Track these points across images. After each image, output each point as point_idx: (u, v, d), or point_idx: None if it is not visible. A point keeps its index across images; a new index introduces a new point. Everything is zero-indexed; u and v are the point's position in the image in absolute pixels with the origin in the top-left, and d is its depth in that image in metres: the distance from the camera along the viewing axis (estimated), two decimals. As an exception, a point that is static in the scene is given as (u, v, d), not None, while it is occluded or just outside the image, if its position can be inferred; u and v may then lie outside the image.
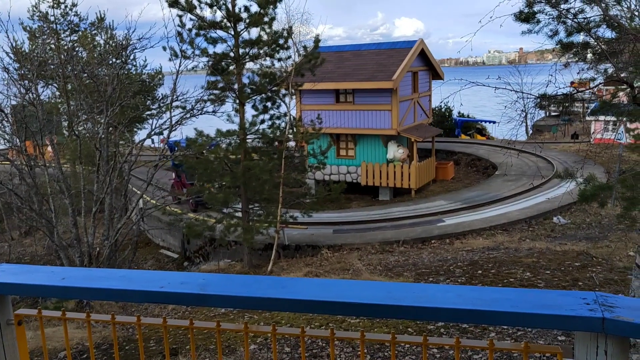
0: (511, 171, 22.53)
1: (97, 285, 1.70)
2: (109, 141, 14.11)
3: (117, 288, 1.67)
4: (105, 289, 1.68)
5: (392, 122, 21.95)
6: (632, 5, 24.30)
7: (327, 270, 12.94)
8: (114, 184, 13.40)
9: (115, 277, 1.75)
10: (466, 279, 9.06)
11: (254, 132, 15.84)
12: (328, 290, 1.66)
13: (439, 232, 16.25)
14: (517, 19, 6.93)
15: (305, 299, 1.61)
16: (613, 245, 11.91)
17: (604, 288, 7.59)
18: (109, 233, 13.19)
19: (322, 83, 20.46)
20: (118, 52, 16.05)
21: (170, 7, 13.96)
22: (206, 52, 14.83)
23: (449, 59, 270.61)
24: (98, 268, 12.26)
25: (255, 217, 16.18)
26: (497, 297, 1.57)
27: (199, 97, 14.95)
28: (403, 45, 23.18)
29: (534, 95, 7.01)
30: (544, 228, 16.12)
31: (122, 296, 1.71)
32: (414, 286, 1.65)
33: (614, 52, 6.78)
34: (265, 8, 14.55)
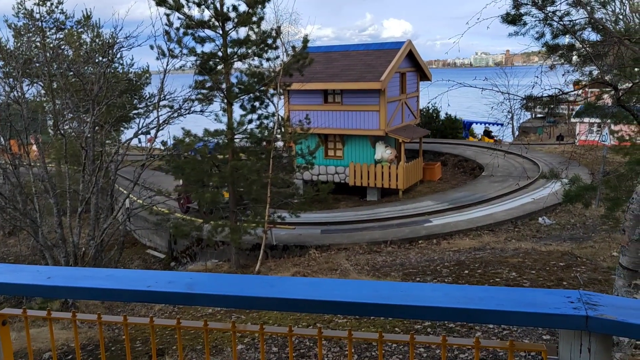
0: (497, 172, 22.72)
1: (84, 284, 1.69)
2: (95, 140, 13.98)
3: (103, 287, 1.66)
4: (92, 289, 1.67)
5: (380, 122, 22.02)
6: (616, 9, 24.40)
7: (315, 271, 12.95)
8: (100, 184, 13.28)
9: (101, 277, 1.74)
10: (453, 279, 9.12)
11: (242, 131, 15.79)
12: (316, 289, 1.67)
13: (426, 233, 16.34)
14: (504, 20, 7.00)
15: (293, 298, 1.61)
16: (597, 245, 12.06)
17: (588, 288, 7.68)
18: (95, 233, 13.08)
19: (310, 83, 20.46)
20: (104, 50, 15.89)
21: (158, 6, 13.87)
22: (194, 52, 14.75)
23: (436, 61, 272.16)
24: (85, 267, 12.14)
25: (243, 217, 16.13)
26: (483, 296, 1.58)
27: (186, 96, 14.88)
28: (391, 46, 23.27)
29: (519, 97, 7.09)
30: (529, 228, 16.28)
31: (109, 295, 1.70)
32: (402, 285, 1.66)
33: (598, 55, 6.88)
34: (254, 8, 14.52)
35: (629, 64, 7.54)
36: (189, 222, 15.90)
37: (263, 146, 16.09)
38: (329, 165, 24.11)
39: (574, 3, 6.54)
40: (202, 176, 15.35)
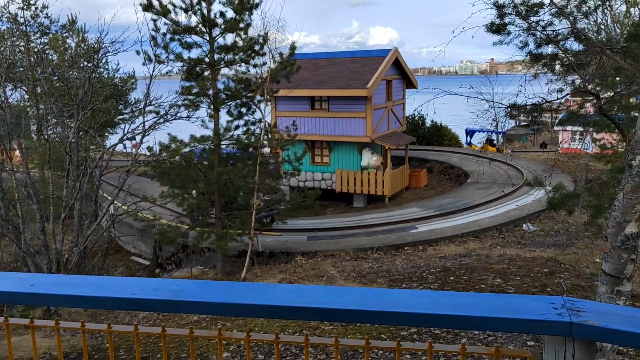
0: (482, 179, 22.91)
1: (67, 292, 1.66)
2: (79, 146, 13.83)
3: (87, 295, 1.64)
4: (76, 296, 1.64)
5: (366, 129, 22.11)
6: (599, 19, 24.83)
7: (301, 277, 12.91)
8: (84, 190, 13.13)
9: (85, 284, 1.71)
10: (439, 285, 9.15)
11: (229, 138, 15.74)
12: (302, 296, 1.66)
13: (412, 239, 16.39)
14: (489, 30, 7.09)
15: (280, 305, 1.60)
16: (580, 252, 12.21)
17: (572, 294, 7.76)
18: (78, 240, 12.91)
19: (297, 90, 20.49)
20: (90, 55, 15.76)
21: (144, 11, 13.81)
22: (181, 57, 14.70)
23: (422, 68, 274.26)
24: (68, 274, 11.96)
25: (230, 223, 16.05)
26: (468, 302, 1.59)
27: (173, 102, 14.81)
28: (377, 53, 23.41)
29: (504, 105, 7.17)
30: (514, 235, 16.42)
31: (93, 303, 1.68)
32: (388, 292, 1.67)
33: (581, 64, 6.99)
34: (241, 14, 14.52)
35: (611, 73, 7.68)
36: (174, 229, 15.77)
37: (251, 152, 16.03)
38: (315, 172, 24.12)
39: (557, 13, 6.65)
40: (188, 182, 15.25)
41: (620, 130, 6.25)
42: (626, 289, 4.31)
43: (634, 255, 4.28)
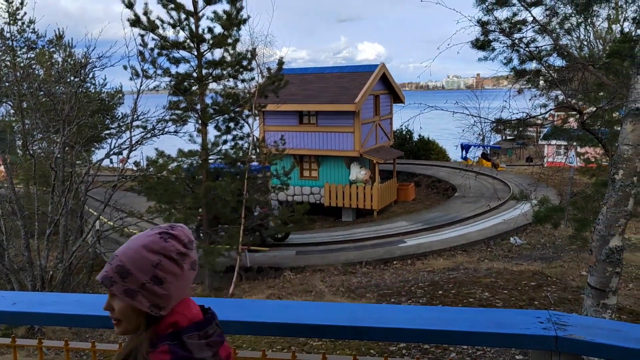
0: (470, 193, 23.05)
1: (50, 310, 1.64)
2: (65, 161, 13.71)
3: (71, 313, 1.61)
4: (59, 314, 1.62)
5: (354, 144, 22.20)
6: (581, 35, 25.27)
7: (290, 292, 12.83)
8: (69, 205, 12.99)
9: (69, 302, 1.69)
10: (427, 300, 9.15)
11: (217, 152, 15.71)
12: (290, 312, 1.66)
13: (400, 253, 16.40)
14: (474, 46, 7.20)
15: (267, 321, 1.60)
16: (566, 265, 12.29)
17: (559, 307, 7.80)
18: (63, 256, 12.73)
19: (285, 105, 20.55)
20: (76, 70, 15.70)
21: (132, 27, 13.82)
22: (168, 72, 14.70)
23: (409, 83, 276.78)
24: (51, 292, 11.79)
25: (217, 238, 15.94)
26: (455, 317, 1.60)
27: (160, 116, 14.76)
28: (365, 69, 23.61)
29: (490, 120, 7.27)
30: (501, 248, 16.50)
31: (76, 322, 1.65)
32: (375, 307, 1.67)
33: (563, 80, 7.12)
34: (229, 30, 14.60)
35: (593, 88, 7.83)
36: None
37: (238, 166, 15.99)
38: (304, 186, 24.11)
39: (540, 30, 6.78)
40: (175, 197, 15.16)
41: (602, 145, 6.36)
42: (612, 302, 4.35)
43: (619, 269, 4.33)
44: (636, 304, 8.30)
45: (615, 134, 7.55)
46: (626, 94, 4.72)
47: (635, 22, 7.76)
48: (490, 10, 6.83)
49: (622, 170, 4.27)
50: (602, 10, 7.18)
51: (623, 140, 4.28)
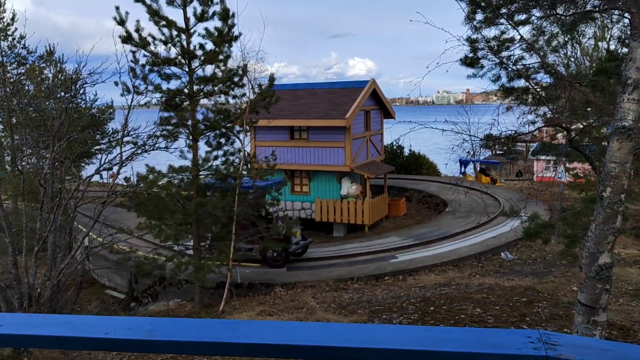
0: (461, 208, 23.13)
1: (37, 332, 1.61)
2: (54, 177, 13.61)
3: (58, 335, 1.59)
4: (46, 336, 1.59)
5: (345, 159, 22.27)
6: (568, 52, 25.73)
7: (281, 309, 12.74)
8: (58, 222, 12.87)
9: (56, 323, 1.67)
10: (419, 316, 9.12)
11: (207, 168, 15.68)
12: (279, 333, 1.65)
13: (392, 269, 16.37)
14: (463, 63, 7.30)
15: (257, 342, 1.58)
16: (557, 280, 12.33)
17: (550, 323, 7.81)
18: (52, 273, 12.57)
19: (276, 120, 20.62)
20: (67, 86, 15.68)
21: (124, 43, 13.85)
22: (160, 88, 14.71)
23: (400, 99, 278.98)
24: (38, 313, 11.62)
25: (208, 254, 15.84)
26: (446, 337, 1.59)
27: (151, 132, 14.74)
28: (356, 84, 23.80)
29: (479, 138, 7.34)
30: (492, 264, 16.53)
31: (64, 344, 1.63)
32: (366, 327, 1.66)
33: (551, 98, 7.22)
34: (221, 46, 14.67)
35: (580, 106, 7.94)
36: (151, 261, 15.49)
37: (229, 182, 15.97)
38: (295, 201, 24.09)
39: (527, 48, 6.89)
40: (166, 213, 15.07)
41: (590, 162, 6.44)
42: (602, 319, 4.37)
43: (609, 285, 4.35)
44: (626, 320, 8.33)
45: (603, 150, 7.65)
46: (613, 111, 4.80)
47: (621, 41, 7.91)
48: (478, 28, 6.95)
49: (610, 188, 4.32)
50: (588, 28, 7.32)
51: (610, 158, 4.34)
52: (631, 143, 4.32)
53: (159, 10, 13.98)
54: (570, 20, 6.38)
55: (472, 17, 6.93)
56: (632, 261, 13.19)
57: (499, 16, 6.63)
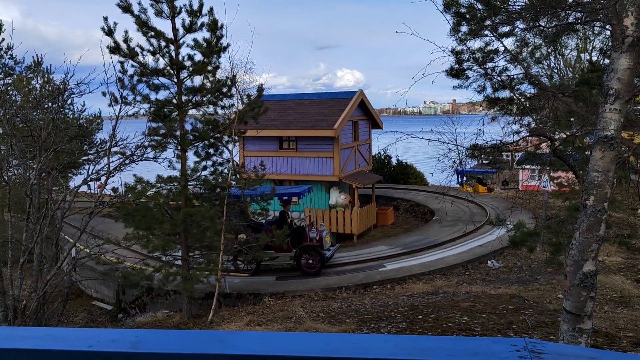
0: (448, 217, 23.26)
1: (19, 345, 1.60)
2: (41, 187, 13.48)
3: (41, 348, 1.58)
4: (27, 350, 1.59)
5: (334, 168, 22.33)
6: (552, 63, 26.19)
7: (270, 319, 12.67)
8: (44, 232, 12.72)
9: (39, 336, 1.66)
10: (407, 325, 9.13)
11: (196, 178, 15.63)
12: (266, 344, 1.65)
13: (380, 278, 16.38)
14: (449, 74, 7.40)
15: (243, 354, 1.59)
16: (543, 287, 12.42)
17: (536, 331, 7.86)
18: (38, 285, 12.41)
19: (265, 130, 20.65)
20: (55, 96, 15.58)
21: (112, 54, 13.82)
22: (148, 99, 14.67)
23: (387, 109, 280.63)
24: (23, 326, 11.45)
25: (196, 264, 15.74)
26: (433, 347, 1.61)
27: (139, 143, 14.66)
28: (344, 95, 23.94)
29: (465, 148, 7.43)
30: (479, 272, 16.61)
31: (46, 358, 1.62)
32: (353, 337, 1.67)
33: (535, 108, 7.34)
34: (209, 57, 14.69)
35: (564, 116, 8.08)
36: (139, 271, 15.36)
37: (217, 192, 15.93)
38: (283, 211, 24.05)
39: (511, 59, 7.00)
40: (154, 223, 14.98)
41: (573, 171, 6.54)
42: (587, 326, 4.41)
43: (593, 293, 4.40)
44: (611, 327, 8.41)
45: (586, 159, 7.77)
46: (595, 121, 4.88)
47: (603, 52, 8.06)
48: (463, 40, 7.05)
49: (593, 197, 4.38)
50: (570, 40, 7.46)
51: (593, 167, 4.41)
52: (613, 152, 4.39)
53: (147, 21, 13.97)
54: (553, 32, 6.50)
55: (457, 29, 7.03)
56: (616, 269, 13.34)
57: (483, 28, 6.73)
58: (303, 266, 17.18)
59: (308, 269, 17.15)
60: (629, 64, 4.24)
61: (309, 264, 17.13)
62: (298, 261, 17.11)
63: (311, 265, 17.11)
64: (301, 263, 17.11)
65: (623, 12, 4.18)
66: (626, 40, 4.19)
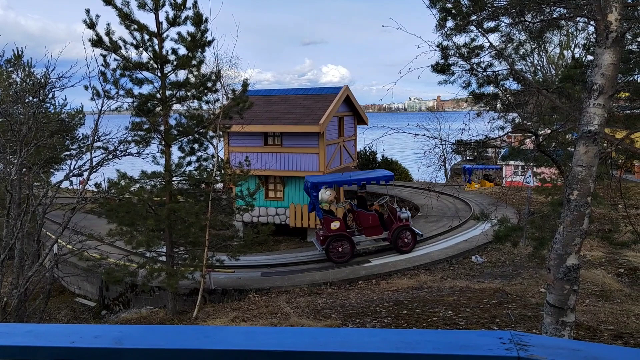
0: (432, 213, 23.40)
1: None
2: (22, 183, 13.24)
3: (21, 345, 1.54)
4: (8, 347, 1.54)
5: (319, 164, 22.31)
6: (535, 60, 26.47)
7: (255, 315, 12.64)
8: (25, 229, 12.52)
9: (20, 333, 1.62)
10: (392, 319, 9.17)
11: (180, 174, 15.50)
12: (251, 339, 1.63)
13: (365, 273, 16.43)
14: (434, 70, 7.42)
15: (229, 349, 1.56)
16: (525, 282, 12.57)
17: (519, 324, 7.94)
18: (19, 281, 12.22)
19: (250, 126, 20.54)
20: (35, 90, 15.30)
21: (94, 47, 13.61)
22: (131, 93, 14.49)
23: (373, 105, 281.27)
24: (4, 323, 11.27)
25: (180, 261, 15.63)
26: (419, 340, 1.60)
27: (122, 138, 14.48)
28: (329, 91, 23.90)
29: (450, 142, 7.46)
30: (463, 267, 16.75)
31: (27, 354, 1.58)
32: (339, 331, 1.66)
33: (519, 104, 7.40)
34: (194, 51, 14.55)
35: (547, 111, 8.16)
36: (122, 268, 15.21)
37: (202, 188, 15.83)
38: (269, 207, 24.00)
39: (497, 55, 7.04)
40: (137, 219, 14.82)
41: (557, 166, 6.61)
42: (570, 319, 4.46)
43: (576, 286, 4.45)
44: (593, 320, 8.54)
45: (569, 154, 7.87)
46: (579, 117, 4.93)
47: (586, 48, 8.15)
48: (449, 35, 7.07)
49: (577, 191, 4.42)
50: (554, 36, 7.53)
51: (577, 162, 4.45)
52: (597, 147, 4.43)
53: (130, 14, 13.79)
54: (538, 27, 6.54)
55: (443, 25, 7.04)
56: (597, 263, 13.55)
57: (469, 23, 6.75)
58: (398, 246, 18.28)
59: (403, 247, 18.29)
60: (612, 60, 4.28)
61: (404, 243, 18.36)
62: (394, 241, 18.21)
63: (406, 244, 18.38)
64: (397, 243, 18.32)
65: (607, 7, 4.22)
66: (610, 35, 4.23)
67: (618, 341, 7.19)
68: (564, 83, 7.37)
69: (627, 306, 9.83)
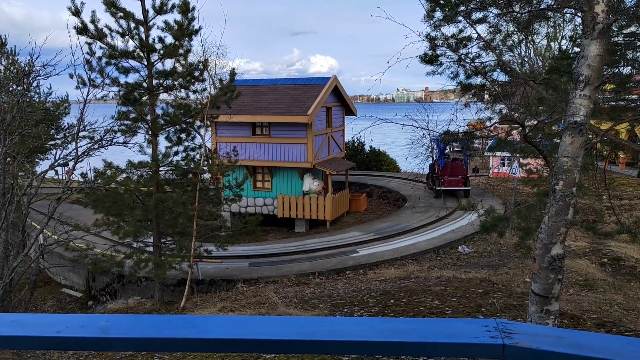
0: (420, 203, 23.53)
1: (-16, 332, 1.54)
2: (6, 172, 13.07)
3: (6, 335, 1.52)
4: (-6, 336, 1.53)
5: (307, 155, 22.28)
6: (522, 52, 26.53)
7: (243, 305, 12.66)
8: (10, 219, 12.38)
9: (5, 323, 1.60)
10: (379, 309, 9.23)
11: (168, 163, 15.40)
12: (240, 327, 1.63)
13: (353, 263, 16.51)
14: (422, 60, 7.42)
15: (217, 337, 1.56)
16: (511, 272, 12.72)
17: (505, 313, 8.04)
18: (4, 272, 12.10)
19: (238, 116, 20.43)
20: (20, 78, 15.05)
21: (79, 35, 13.41)
22: (117, 82, 14.33)
23: (361, 96, 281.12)
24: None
25: (168, 251, 15.57)
26: (406, 328, 1.61)
27: (108, 127, 14.33)
28: (317, 81, 23.82)
29: (437, 133, 7.49)
30: (450, 257, 16.89)
31: (13, 343, 1.56)
32: (327, 320, 1.66)
33: (507, 95, 7.44)
34: (181, 40, 14.40)
35: (534, 103, 8.22)
36: (109, 258, 15.11)
37: (189, 178, 15.75)
38: (257, 197, 23.96)
39: (485, 46, 7.06)
40: (124, 209, 14.72)
41: (544, 157, 6.66)
42: (554, 308, 4.52)
43: (561, 276, 4.51)
44: (576, 309, 8.67)
45: (556, 145, 7.94)
46: (565, 108, 4.96)
47: (573, 40, 8.20)
48: (437, 26, 7.06)
49: (562, 181, 4.47)
50: (541, 28, 7.57)
51: (562, 153, 4.48)
52: (582, 138, 4.47)
53: (115, 2, 13.59)
54: (525, 18, 6.56)
55: (431, 15, 7.04)
56: (581, 253, 13.73)
57: (457, 14, 6.75)
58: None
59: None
60: (599, 51, 4.30)
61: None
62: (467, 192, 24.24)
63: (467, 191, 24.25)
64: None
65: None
66: (597, 27, 4.25)
67: (601, 329, 7.32)
68: (551, 74, 7.42)
69: (610, 295, 9.99)
